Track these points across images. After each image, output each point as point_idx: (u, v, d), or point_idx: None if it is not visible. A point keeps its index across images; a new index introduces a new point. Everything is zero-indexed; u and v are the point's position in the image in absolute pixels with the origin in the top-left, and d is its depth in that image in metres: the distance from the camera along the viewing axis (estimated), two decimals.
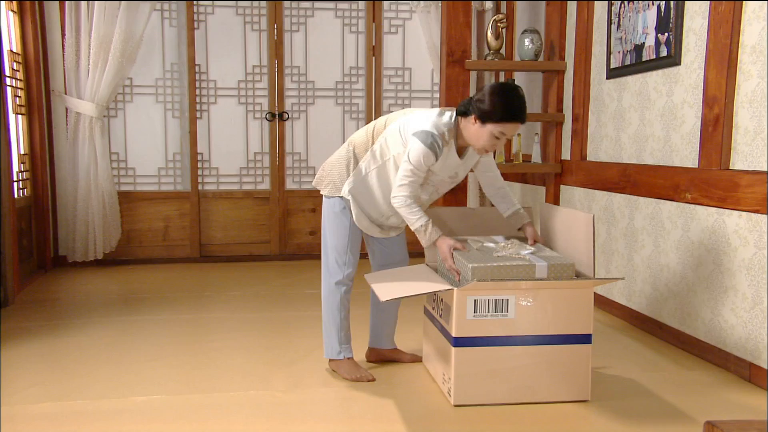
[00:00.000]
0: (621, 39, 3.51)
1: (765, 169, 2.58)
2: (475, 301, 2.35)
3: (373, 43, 5.33)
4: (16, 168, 4.37)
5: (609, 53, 3.63)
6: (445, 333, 2.47)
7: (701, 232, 2.94)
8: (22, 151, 4.59)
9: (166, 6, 5.06)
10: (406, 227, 2.71)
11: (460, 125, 2.47)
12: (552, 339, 2.41)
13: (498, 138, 2.39)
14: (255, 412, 2.38)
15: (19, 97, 4.49)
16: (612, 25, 3.59)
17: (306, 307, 3.82)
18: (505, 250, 2.48)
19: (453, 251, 2.44)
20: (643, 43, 3.31)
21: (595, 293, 2.45)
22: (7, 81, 4.17)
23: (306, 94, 5.33)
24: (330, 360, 2.74)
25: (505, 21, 4.21)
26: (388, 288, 2.47)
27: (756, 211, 2.60)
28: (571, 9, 4.03)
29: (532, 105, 4.63)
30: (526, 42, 4.10)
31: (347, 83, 5.38)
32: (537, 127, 4.49)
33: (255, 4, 5.18)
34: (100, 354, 2.99)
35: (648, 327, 3.34)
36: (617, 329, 3.43)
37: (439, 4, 5.07)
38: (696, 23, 2.95)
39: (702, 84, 2.90)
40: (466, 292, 2.33)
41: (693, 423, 2.28)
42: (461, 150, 2.54)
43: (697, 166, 2.94)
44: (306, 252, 5.35)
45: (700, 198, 2.91)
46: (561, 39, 4.12)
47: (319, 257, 2.77)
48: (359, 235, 2.69)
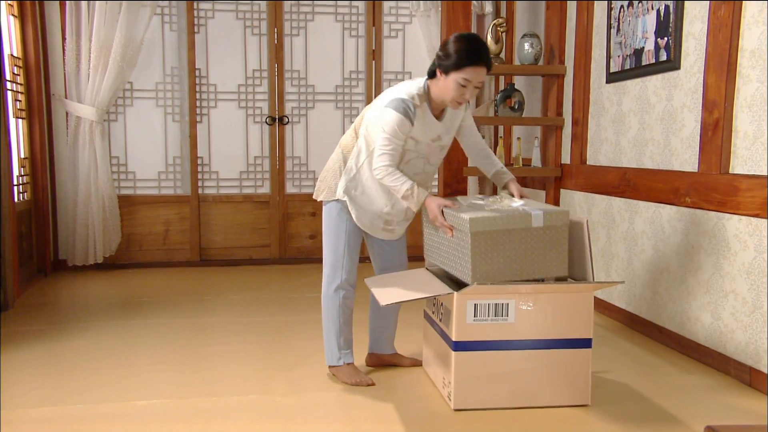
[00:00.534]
0: (621, 43, 3.52)
1: (765, 173, 2.58)
2: (475, 305, 2.35)
3: (373, 47, 5.34)
4: (16, 172, 4.37)
5: (609, 57, 3.64)
6: (445, 337, 2.47)
7: (701, 236, 2.94)
8: (23, 155, 4.59)
9: (166, 10, 5.07)
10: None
11: (431, 88, 2.49)
12: (552, 343, 2.41)
13: (464, 86, 2.37)
14: (255, 415, 2.38)
15: (19, 101, 4.50)
16: (611, 30, 3.60)
17: (306, 311, 3.82)
18: (496, 203, 2.45)
19: (444, 209, 2.40)
20: (643, 47, 3.32)
21: (595, 297, 2.45)
22: (8, 85, 4.17)
23: (306, 98, 5.34)
24: (330, 366, 2.75)
25: (504, 25, 4.22)
26: (387, 292, 2.47)
27: (756, 215, 2.60)
28: (571, 13, 4.04)
29: (532, 109, 4.64)
30: (526, 46, 4.11)
31: (347, 87, 5.38)
32: (537, 130, 4.49)
33: (255, 8, 5.19)
34: (100, 358, 2.99)
35: (648, 331, 3.34)
36: (617, 333, 3.43)
37: (439, 7, 5.08)
38: (695, 27, 2.95)
39: (701, 88, 2.91)
40: (466, 296, 2.33)
41: (693, 428, 2.28)
42: (439, 113, 2.54)
43: (696, 170, 2.95)
44: (306, 256, 5.36)
45: (699, 202, 2.91)
46: (561, 43, 4.13)
47: (318, 261, 2.77)
48: (357, 238, 2.68)
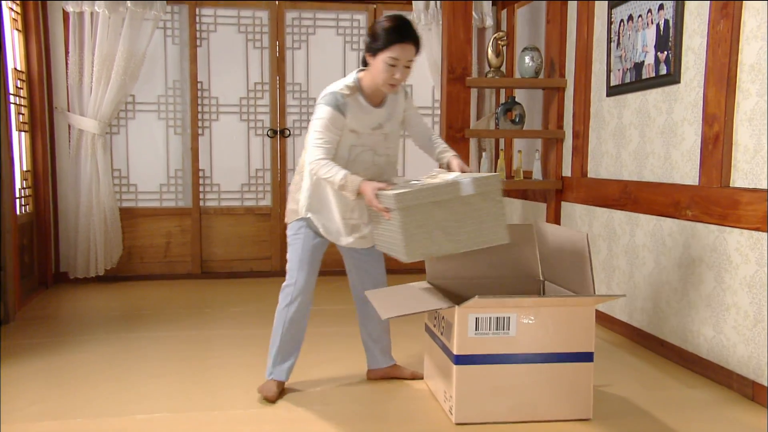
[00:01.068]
0: (621, 57, 3.54)
1: (765, 187, 2.59)
2: (476, 319, 2.35)
3: None
4: (18, 184, 4.39)
5: (609, 71, 3.66)
6: (446, 351, 2.47)
7: (702, 250, 2.94)
8: (25, 168, 4.61)
9: (169, 24, 5.11)
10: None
11: (363, 77, 2.50)
12: (553, 357, 2.40)
13: (393, 65, 2.36)
14: (256, 429, 2.37)
15: (22, 114, 4.52)
16: (612, 43, 3.62)
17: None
18: (432, 180, 2.40)
19: (378, 192, 2.31)
20: (643, 61, 3.34)
21: (596, 310, 2.45)
22: (11, 98, 4.19)
23: (308, 111, 5.36)
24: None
25: (505, 39, 4.25)
26: (389, 306, 2.47)
27: (757, 228, 2.60)
28: (571, 27, 4.07)
29: (533, 122, 4.66)
30: (527, 59, 4.13)
31: None
32: (538, 143, 4.51)
33: (257, 22, 5.22)
34: (101, 371, 2.99)
35: (650, 344, 3.34)
36: (619, 346, 3.42)
37: (440, 21, 5.11)
38: (695, 42, 2.97)
39: (701, 102, 2.92)
40: (467, 309, 2.33)
41: None
42: (378, 101, 2.53)
43: (697, 184, 2.95)
44: None
45: (700, 215, 2.92)
46: (561, 56, 4.15)
47: (319, 274, 2.76)
48: (312, 253, 2.64)
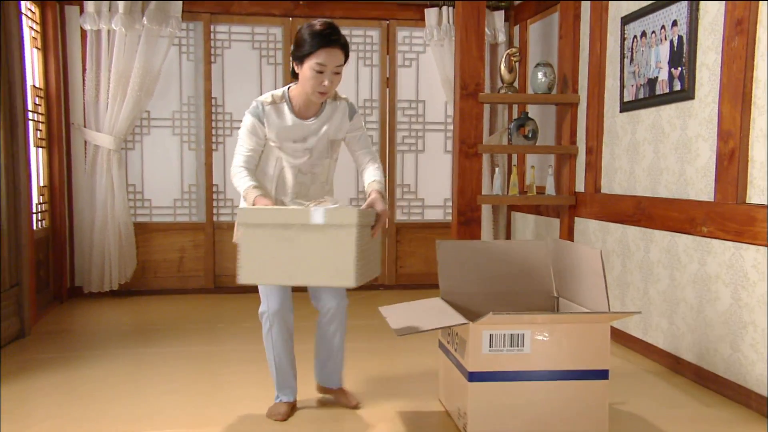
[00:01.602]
0: (634, 73, 3.54)
1: None
2: (490, 336, 2.34)
3: (387, 76, 5.40)
4: (35, 200, 4.44)
5: (622, 87, 3.66)
6: (460, 367, 2.46)
7: (718, 266, 2.91)
8: (42, 183, 4.66)
9: (184, 41, 5.17)
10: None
11: (293, 88, 2.45)
12: (568, 374, 2.39)
13: (320, 72, 2.29)
14: None
15: (40, 130, 4.58)
16: (625, 59, 3.62)
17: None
18: (308, 204, 2.34)
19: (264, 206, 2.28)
20: (657, 77, 3.33)
21: (611, 327, 2.43)
22: (29, 115, 4.25)
23: None
24: None
25: (518, 54, 4.26)
26: (402, 322, 2.47)
27: None
28: (584, 43, 4.07)
29: (546, 138, 4.66)
30: (539, 75, 4.14)
31: (361, 115, 5.41)
32: (551, 159, 4.50)
33: (271, 39, 5.27)
34: (115, 386, 3.00)
35: (665, 362, 3.30)
36: (634, 363, 3.39)
37: (453, 37, 5.13)
38: (709, 58, 2.96)
39: (716, 118, 2.91)
40: (481, 326, 2.32)
41: None
42: (308, 114, 2.46)
43: (713, 200, 2.93)
44: None
45: (716, 232, 2.90)
46: (574, 72, 4.15)
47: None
48: None
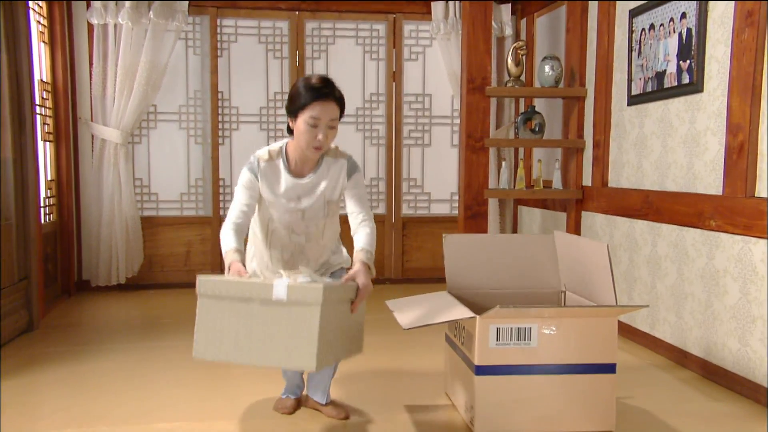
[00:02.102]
0: (642, 66, 3.52)
1: None
2: (497, 329, 2.33)
3: (394, 70, 5.39)
4: (43, 194, 4.45)
5: (630, 80, 3.64)
6: (467, 361, 2.46)
7: (727, 261, 2.90)
8: (49, 177, 4.67)
9: (190, 35, 5.17)
10: None
11: (289, 143, 2.37)
12: (575, 368, 2.38)
13: (314, 126, 2.20)
14: None
15: (47, 124, 4.59)
16: (633, 52, 3.60)
17: None
18: (280, 276, 2.15)
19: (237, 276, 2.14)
20: (665, 70, 3.31)
21: (618, 321, 2.42)
22: (37, 109, 4.26)
23: None
24: None
25: (525, 48, 4.24)
26: (409, 316, 2.47)
27: None
28: (591, 36, 4.05)
29: (553, 131, 4.64)
30: (547, 69, 4.12)
31: (368, 109, 5.42)
32: (558, 153, 4.49)
33: (277, 32, 5.26)
34: (123, 380, 3.01)
35: (673, 356, 3.30)
36: (641, 358, 3.38)
37: (460, 30, 5.12)
38: (719, 51, 2.94)
39: (725, 111, 2.89)
40: (488, 320, 2.32)
41: None
42: (302, 171, 2.37)
43: (721, 194, 2.92)
44: None
45: (725, 225, 2.88)
46: (581, 66, 4.13)
47: None
48: None
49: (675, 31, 3.23)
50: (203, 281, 1.98)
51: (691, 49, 3.11)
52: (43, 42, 4.56)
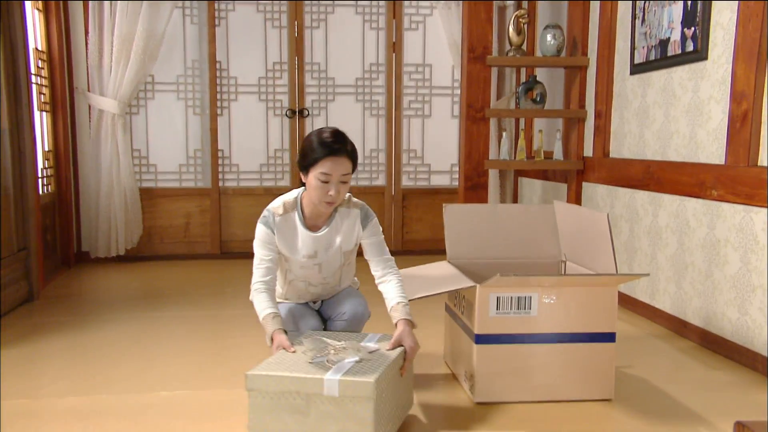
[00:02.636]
0: (645, 34, 3.47)
1: None
2: (497, 298, 2.33)
3: (394, 40, 5.32)
4: (40, 165, 4.43)
5: (633, 48, 3.59)
6: (467, 330, 2.46)
7: (728, 230, 2.89)
8: (47, 148, 4.64)
9: (187, 4, 5.09)
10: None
11: (304, 197, 2.34)
12: (575, 337, 2.39)
13: (325, 182, 2.19)
14: None
15: (43, 94, 4.54)
16: (636, 20, 3.55)
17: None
18: (332, 355, 2.05)
19: (278, 350, 2.13)
20: (669, 38, 3.27)
21: (618, 291, 2.42)
22: (33, 79, 4.22)
23: (326, 91, 5.33)
24: None
25: (526, 17, 4.18)
26: (410, 287, 2.47)
27: None
28: (594, 4, 3.99)
29: (555, 101, 4.60)
30: (548, 38, 4.07)
31: (367, 80, 5.37)
32: (559, 123, 4.45)
33: (276, 1, 5.19)
34: (123, 349, 3.02)
35: (672, 326, 3.30)
36: (641, 328, 3.39)
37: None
38: (724, 17, 2.90)
39: (730, 79, 2.86)
40: (488, 289, 2.32)
41: (718, 425, 2.25)
42: (317, 223, 2.35)
43: (723, 163, 2.90)
44: None
45: (726, 195, 2.87)
46: (584, 34, 4.08)
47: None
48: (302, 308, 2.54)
49: None
50: (252, 377, 1.97)
51: (696, 15, 3.06)
52: (37, 9, 4.49)
